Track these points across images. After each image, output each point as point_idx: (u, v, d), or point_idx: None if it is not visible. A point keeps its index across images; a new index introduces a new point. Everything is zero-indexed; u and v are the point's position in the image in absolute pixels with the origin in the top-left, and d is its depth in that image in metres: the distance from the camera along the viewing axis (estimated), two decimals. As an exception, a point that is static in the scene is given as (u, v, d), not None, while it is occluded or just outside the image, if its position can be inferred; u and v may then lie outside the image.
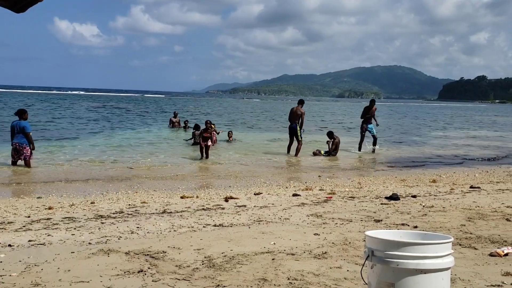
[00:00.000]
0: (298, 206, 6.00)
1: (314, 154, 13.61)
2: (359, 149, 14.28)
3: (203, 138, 11.93)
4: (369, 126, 14.13)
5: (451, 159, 13.93)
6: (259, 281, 3.03)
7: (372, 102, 14.48)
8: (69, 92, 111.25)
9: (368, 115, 14.14)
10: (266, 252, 3.73)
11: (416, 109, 78.35)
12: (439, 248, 2.27)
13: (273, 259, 3.53)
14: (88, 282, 2.99)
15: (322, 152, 13.63)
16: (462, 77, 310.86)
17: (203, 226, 4.77)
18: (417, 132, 26.44)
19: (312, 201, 6.40)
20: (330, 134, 13.85)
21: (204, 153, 11.88)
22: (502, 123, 37.78)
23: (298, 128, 13.05)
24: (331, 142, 13.65)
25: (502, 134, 24.99)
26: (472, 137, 22.78)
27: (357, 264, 3.41)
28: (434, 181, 8.82)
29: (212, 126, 12.61)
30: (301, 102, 13.60)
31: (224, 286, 2.97)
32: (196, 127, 16.05)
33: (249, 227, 4.71)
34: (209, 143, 12.04)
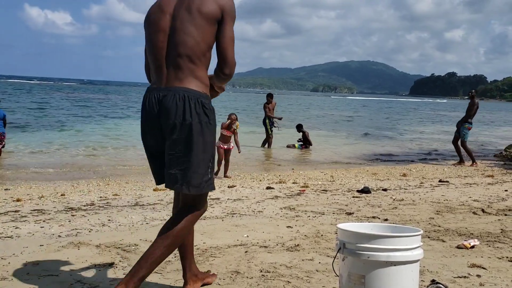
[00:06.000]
0: (272, 199, 6.03)
1: (288, 147, 13.73)
2: None
3: (223, 139, 8.35)
4: None
5: (421, 153, 14.22)
6: (232, 274, 3.03)
7: None
8: (41, 82, 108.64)
9: None
10: (239, 245, 3.73)
11: (392, 105, 79.67)
12: (409, 240, 2.31)
13: (246, 252, 3.54)
14: (57, 275, 2.93)
15: (296, 145, 13.75)
16: (433, 74, 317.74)
17: (176, 219, 4.74)
18: (390, 126, 26.89)
19: (285, 194, 6.44)
20: (299, 127, 14.06)
21: (223, 161, 8.27)
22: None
23: (267, 122, 13.33)
24: (302, 135, 13.85)
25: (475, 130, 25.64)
26: (445, 131, 23.27)
27: (329, 256, 3.45)
28: (404, 175, 8.99)
29: (237, 123, 8.51)
30: (268, 96, 13.96)
31: (197, 279, 2.96)
32: None
33: (223, 220, 4.71)
34: (231, 145, 8.51)
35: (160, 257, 2.28)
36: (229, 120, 8.41)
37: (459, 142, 11.27)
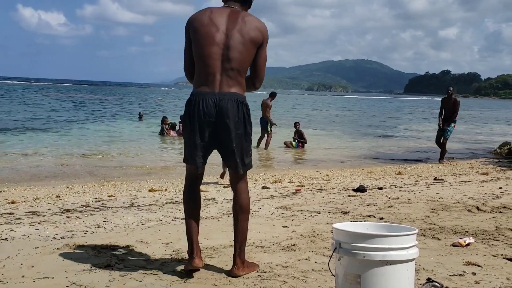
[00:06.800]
0: (267, 198, 6.03)
1: (286, 145, 13.75)
2: None
3: None
4: None
5: (417, 151, 14.27)
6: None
7: None
8: (36, 83, 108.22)
9: None
10: (235, 245, 3.72)
11: (392, 103, 79.82)
12: (404, 240, 2.32)
13: (242, 252, 3.53)
14: (53, 278, 2.92)
15: (293, 144, 13.77)
16: (427, 72, 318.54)
17: (172, 220, 4.73)
18: (386, 124, 26.95)
19: (281, 193, 6.44)
20: (296, 125, 14.08)
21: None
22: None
23: (268, 121, 13.16)
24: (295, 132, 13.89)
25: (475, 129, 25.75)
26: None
27: (324, 255, 3.46)
28: (399, 173, 9.02)
29: None
30: (271, 95, 13.69)
31: (193, 280, 2.95)
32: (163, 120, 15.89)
33: (218, 220, 4.70)
34: None
35: (247, 227, 3.04)
36: None
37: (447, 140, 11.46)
